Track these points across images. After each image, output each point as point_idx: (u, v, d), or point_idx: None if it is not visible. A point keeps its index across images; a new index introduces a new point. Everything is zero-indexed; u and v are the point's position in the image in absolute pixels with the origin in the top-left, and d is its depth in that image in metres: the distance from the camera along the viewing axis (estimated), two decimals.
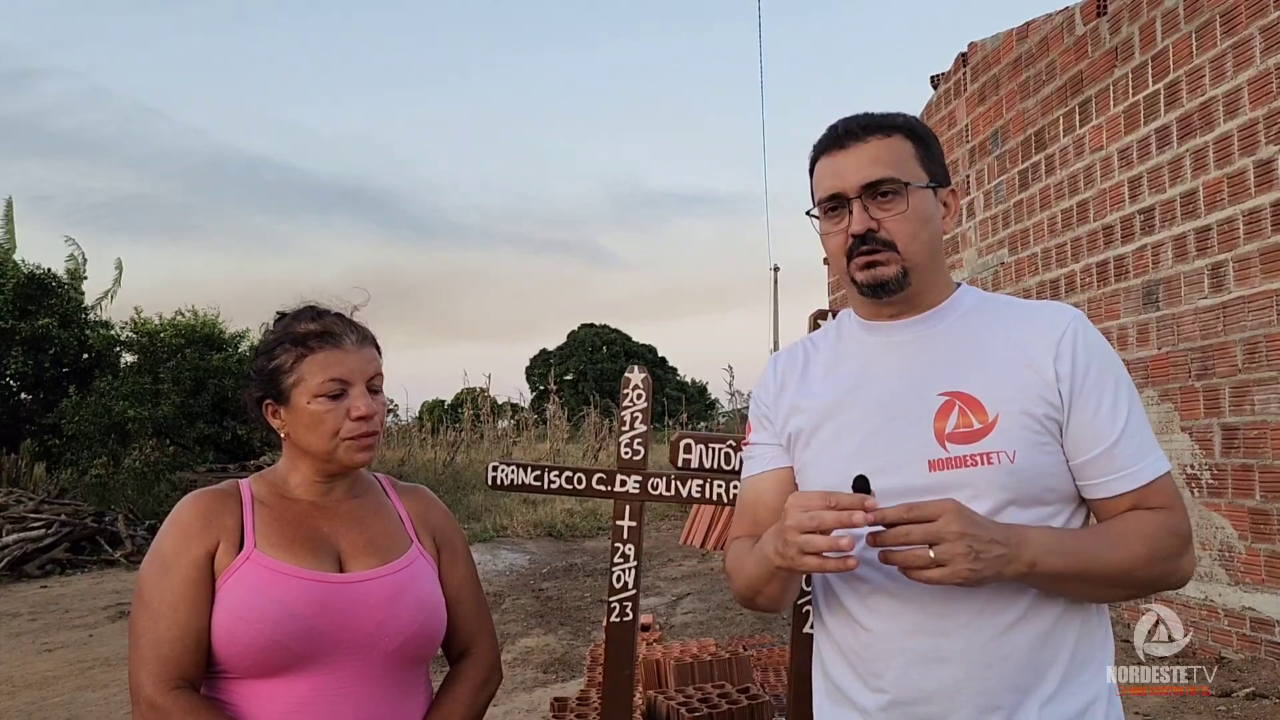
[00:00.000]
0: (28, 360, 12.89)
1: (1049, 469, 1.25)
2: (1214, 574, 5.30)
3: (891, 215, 1.29)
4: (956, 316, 1.35)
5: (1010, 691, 1.22)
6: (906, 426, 1.28)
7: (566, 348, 45.45)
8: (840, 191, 1.30)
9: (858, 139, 1.31)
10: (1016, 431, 1.24)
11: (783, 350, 1.54)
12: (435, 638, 1.51)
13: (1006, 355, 1.28)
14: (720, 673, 3.58)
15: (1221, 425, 5.25)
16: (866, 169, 1.29)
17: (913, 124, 1.34)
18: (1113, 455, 1.24)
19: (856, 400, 1.34)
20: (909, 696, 1.26)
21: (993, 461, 1.23)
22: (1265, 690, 4.59)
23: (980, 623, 1.23)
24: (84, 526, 10.28)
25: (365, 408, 1.45)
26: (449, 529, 1.63)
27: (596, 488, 2.70)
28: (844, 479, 1.30)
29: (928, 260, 1.33)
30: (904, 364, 1.33)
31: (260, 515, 1.45)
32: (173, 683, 1.34)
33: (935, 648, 1.24)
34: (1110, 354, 1.30)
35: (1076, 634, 1.26)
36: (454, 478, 15.63)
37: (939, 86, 8.62)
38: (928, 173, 1.32)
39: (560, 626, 6.88)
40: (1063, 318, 1.30)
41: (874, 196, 1.29)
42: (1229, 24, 5.14)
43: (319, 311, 1.53)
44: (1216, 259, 5.25)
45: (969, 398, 1.27)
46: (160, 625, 1.35)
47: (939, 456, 1.25)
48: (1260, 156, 4.94)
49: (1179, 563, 1.25)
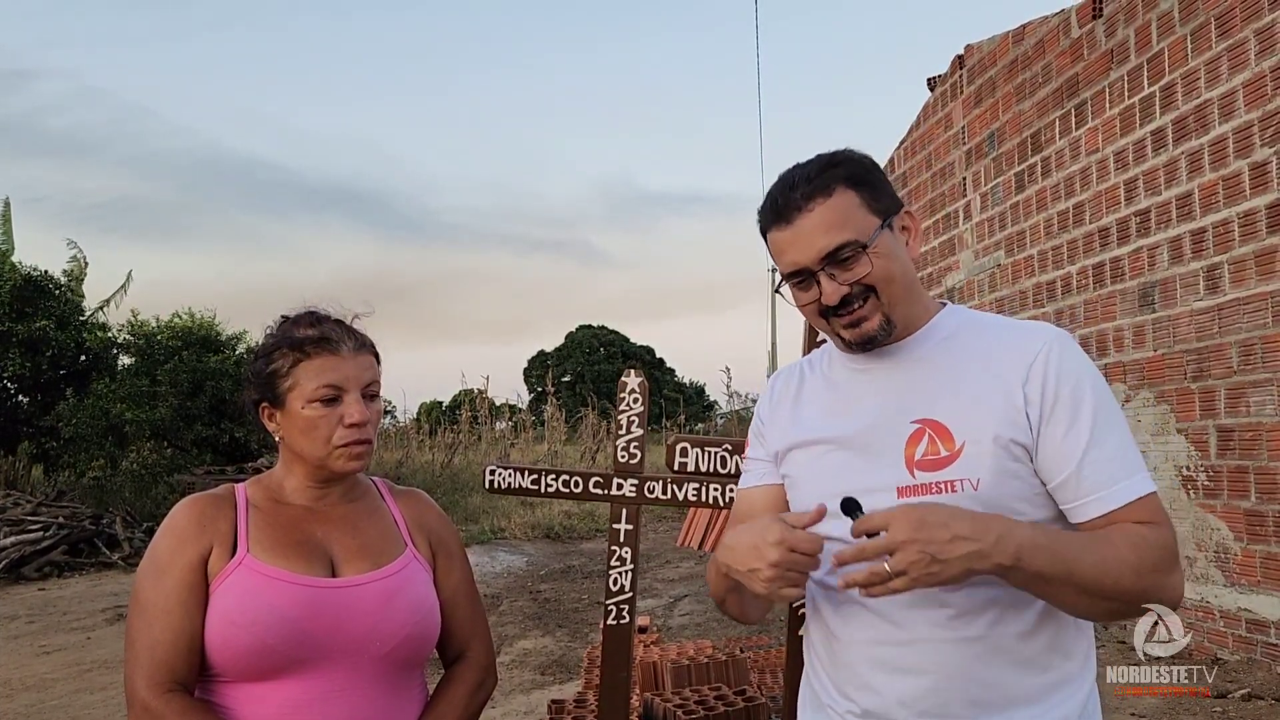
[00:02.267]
0: (25, 362, 12.88)
1: (1018, 494, 1.24)
2: (1210, 575, 5.31)
3: (861, 274, 1.27)
4: (936, 341, 1.34)
5: (969, 705, 1.23)
6: (880, 453, 1.30)
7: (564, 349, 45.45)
8: (803, 266, 1.28)
9: (800, 210, 1.27)
10: (983, 459, 1.23)
11: (782, 370, 1.57)
12: (429, 641, 1.52)
13: (980, 381, 1.28)
14: (717, 675, 3.59)
15: (1217, 427, 5.27)
16: (820, 240, 1.26)
17: (848, 170, 1.30)
18: (1079, 479, 1.22)
19: (839, 427, 1.36)
20: (876, 705, 1.27)
21: (956, 489, 1.23)
22: (1261, 691, 4.61)
23: (943, 635, 1.23)
24: (82, 529, 10.27)
25: (359, 415, 1.46)
26: (445, 533, 1.63)
27: (593, 491, 2.70)
28: (825, 500, 1.31)
29: (907, 294, 1.32)
30: (883, 392, 1.34)
31: (254, 519, 1.46)
32: (166, 686, 1.35)
33: (899, 656, 1.25)
34: (1085, 375, 1.26)
35: (1047, 655, 1.25)
36: (452, 479, 15.63)
37: (935, 88, 8.64)
38: (879, 214, 1.29)
39: (558, 628, 6.89)
40: (1037, 341, 1.28)
41: (836, 263, 1.27)
42: (1224, 26, 5.16)
43: (318, 317, 1.53)
44: (1212, 261, 5.26)
45: (939, 425, 1.27)
46: (155, 629, 1.36)
47: (907, 483, 1.26)
48: (1255, 158, 4.95)
49: (1168, 578, 1.20)
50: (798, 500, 1.41)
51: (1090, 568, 1.15)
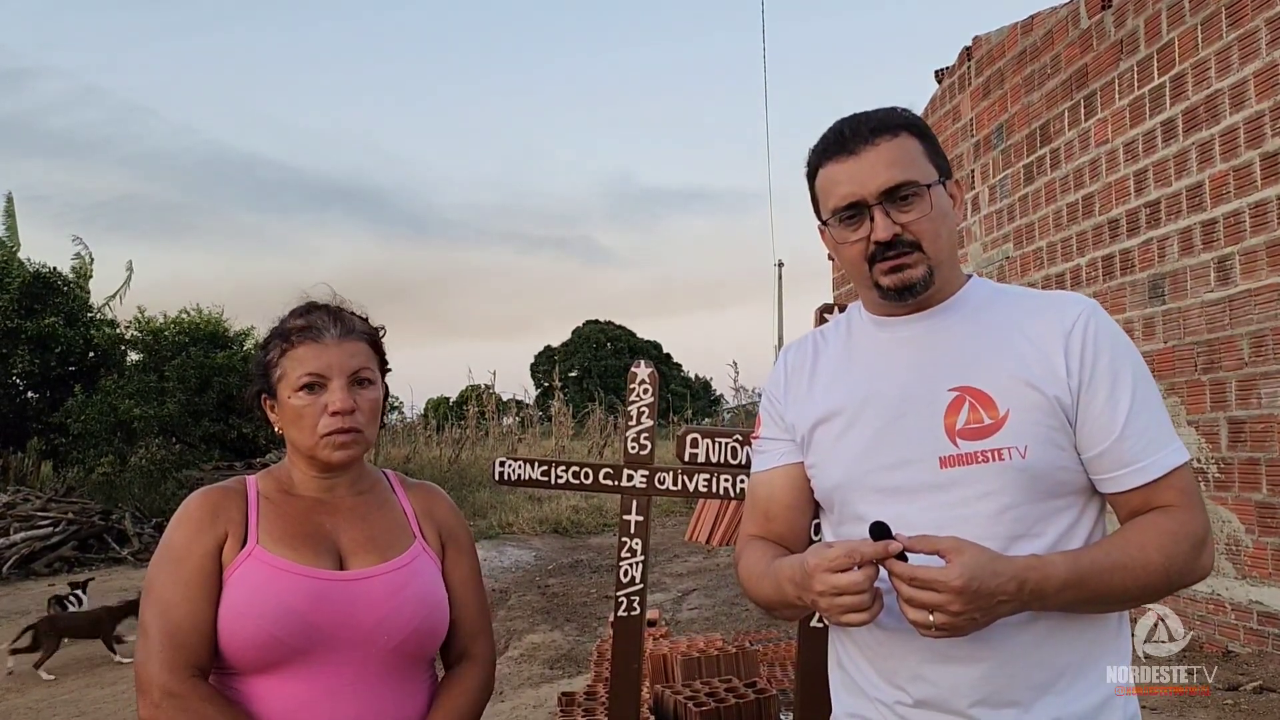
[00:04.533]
0: (34, 359, 12.95)
1: (1061, 463, 1.23)
2: (1221, 568, 5.29)
3: (915, 218, 1.26)
4: (968, 310, 1.32)
5: (1026, 688, 1.21)
6: (917, 423, 1.27)
7: (571, 344, 45.43)
8: (860, 199, 1.26)
9: (867, 142, 1.26)
10: (1028, 427, 1.22)
11: (792, 344, 1.52)
12: (437, 635, 1.51)
13: (1018, 349, 1.26)
14: (727, 667, 3.59)
15: (1228, 419, 5.24)
16: (884, 173, 1.25)
17: (914, 120, 1.31)
18: (1121, 449, 1.21)
19: (868, 397, 1.32)
20: (926, 694, 1.25)
21: (1004, 458, 1.21)
22: (1272, 684, 4.59)
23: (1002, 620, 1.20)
24: (91, 525, 10.32)
25: (340, 403, 1.44)
26: (455, 526, 1.62)
27: (603, 482, 2.70)
28: (856, 476, 1.30)
29: (950, 256, 1.31)
30: (915, 359, 1.31)
31: (264, 511, 1.46)
32: (189, 670, 1.34)
33: (951, 646, 1.22)
34: (1122, 344, 1.26)
35: (1091, 631, 1.25)
36: (459, 475, 15.66)
37: (943, 81, 8.60)
38: (936, 168, 1.30)
39: (566, 622, 6.89)
40: (1074, 309, 1.27)
41: (894, 201, 1.25)
42: (1234, 16, 5.12)
43: (309, 306, 1.53)
44: (1222, 252, 5.24)
45: (980, 393, 1.24)
46: (174, 615, 1.36)
47: (950, 453, 1.24)
48: (1266, 149, 4.92)
49: (1196, 564, 1.21)
50: (826, 479, 1.36)
51: (1121, 590, 1.18)
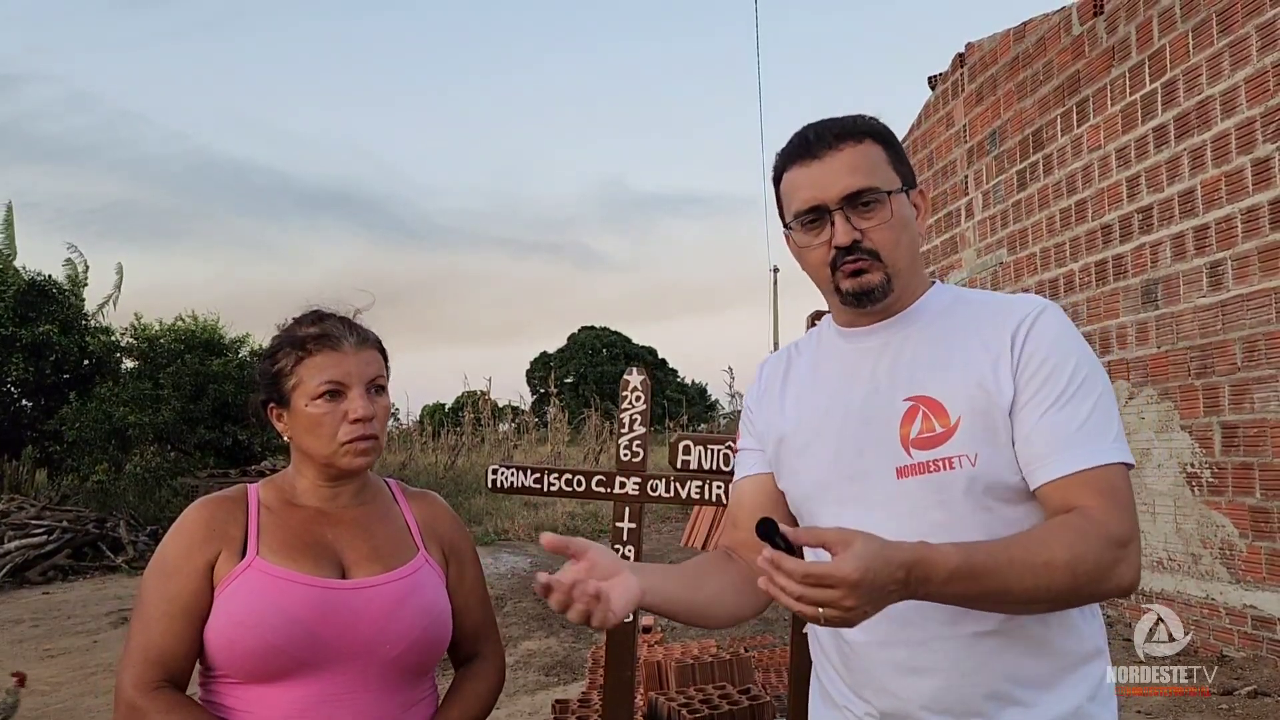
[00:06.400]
0: (29, 367, 12.90)
1: (1014, 470, 1.21)
2: (1215, 572, 5.30)
3: (875, 225, 1.26)
4: (928, 318, 1.33)
5: (988, 699, 1.21)
6: (875, 434, 1.27)
7: (567, 350, 45.41)
8: (821, 203, 1.27)
9: (830, 147, 1.27)
10: (978, 433, 1.21)
11: (770, 356, 1.54)
12: (439, 646, 1.51)
13: (972, 355, 1.25)
14: (721, 674, 3.59)
15: (1221, 423, 5.26)
16: (845, 179, 1.26)
17: (879, 127, 1.32)
18: (1034, 439, 1.18)
19: (831, 408, 1.33)
20: (890, 706, 1.25)
21: (954, 466, 1.21)
22: (1267, 688, 4.59)
23: (955, 631, 1.21)
24: (86, 533, 10.28)
25: (362, 409, 1.45)
26: (458, 537, 1.62)
27: (596, 489, 2.70)
28: (820, 488, 1.32)
29: (910, 265, 1.31)
30: (874, 370, 1.32)
31: (265, 520, 1.46)
32: (154, 684, 1.36)
33: (912, 658, 1.23)
34: (1065, 342, 1.23)
35: (1059, 639, 1.23)
36: (455, 481, 15.63)
37: (936, 87, 8.63)
38: (900, 176, 1.30)
39: (562, 629, 6.88)
40: (1023, 309, 1.26)
41: (855, 207, 1.26)
42: (1225, 22, 5.15)
43: (321, 314, 1.53)
44: (1215, 257, 5.25)
45: (933, 401, 1.24)
46: (152, 630, 1.37)
47: (905, 463, 1.24)
48: (1258, 154, 4.94)
49: (1111, 570, 1.12)
50: (795, 491, 1.38)
51: (1017, 586, 1.08)
